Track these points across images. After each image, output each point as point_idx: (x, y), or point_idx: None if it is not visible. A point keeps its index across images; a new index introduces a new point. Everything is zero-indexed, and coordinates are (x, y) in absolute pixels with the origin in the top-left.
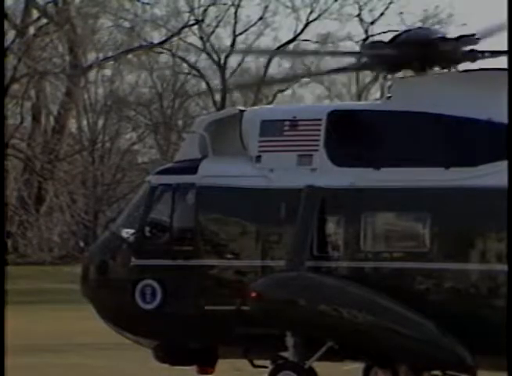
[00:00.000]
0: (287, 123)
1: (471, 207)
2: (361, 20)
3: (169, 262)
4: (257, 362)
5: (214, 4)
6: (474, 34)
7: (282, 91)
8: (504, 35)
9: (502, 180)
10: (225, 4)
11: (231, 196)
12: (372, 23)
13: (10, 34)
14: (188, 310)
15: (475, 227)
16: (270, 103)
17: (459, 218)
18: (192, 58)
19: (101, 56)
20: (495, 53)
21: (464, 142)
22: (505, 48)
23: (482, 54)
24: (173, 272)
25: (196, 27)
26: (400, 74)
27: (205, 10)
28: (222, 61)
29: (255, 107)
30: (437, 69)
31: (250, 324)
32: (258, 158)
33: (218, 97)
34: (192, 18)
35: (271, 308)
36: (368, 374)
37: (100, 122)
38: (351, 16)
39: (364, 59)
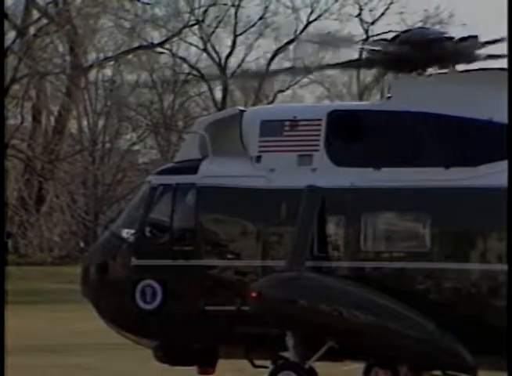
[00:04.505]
0: (287, 123)
1: (471, 207)
2: (361, 20)
3: (169, 262)
4: (258, 362)
5: (214, 4)
6: (475, 36)
7: (282, 91)
8: (504, 34)
9: (502, 180)
10: (225, 4)
11: (231, 196)
12: (372, 23)
13: (10, 35)
14: (188, 310)
15: (475, 227)
16: (270, 103)
17: (459, 218)
18: (192, 58)
19: (101, 56)
20: (494, 54)
21: (464, 142)
22: (505, 47)
23: (482, 54)
24: (173, 273)
25: (196, 27)
26: (400, 75)
27: (205, 10)
28: (223, 61)
29: (255, 107)
30: (437, 69)
31: (250, 324)
32: (258, 158)
33: (218, 97)
34: (192, 18)
35: (271, 308)
36: (368, 374)
37: (100, 122)
38: (352, 16)
39: (364, 58)
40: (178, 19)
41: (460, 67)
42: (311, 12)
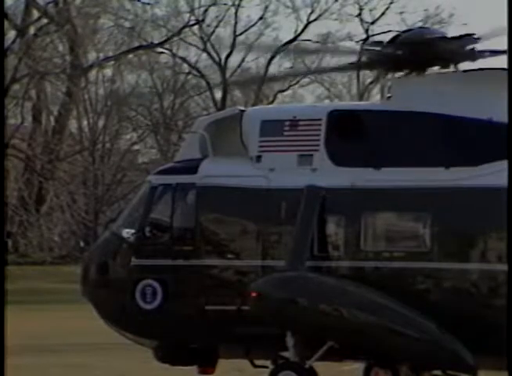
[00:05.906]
0: (287, 123)
1: (471, 207)
2: (361, 20)
3: (169, 262)
4: (258, 362)
5: (214, 4)
6: (473, 34)
7: (282, 91)
8: (504, 34)
9: (502, 180)
10: (225, 4)
11: (231, 196)
12: (372, 23)
13: (11, 34)
14: (188, 310)
15: (475, 227)
16: (271, 103)
17: (459, 218)
18: (192, 58)
19: (101, 56)
20: (495, 53)
21: (464, 142)
22: (505, 47)
23: (482, 54)
24: (173, 272)
25: (196, 27)
26: (400, 74)
27: (205, 10)
28: (223, 61)
29: (255, 107)
30: (437, 69)
31: (250, 324)
32: (258, 158)
33: (218, 97)
34: (192, 18)
35: (271, 308)
36: (368, 374)
37: (101, 122)
38: (352, 16)
39: (364, 59)
40: (178, 19)
41: (461, 67)
42: (312, 12)
